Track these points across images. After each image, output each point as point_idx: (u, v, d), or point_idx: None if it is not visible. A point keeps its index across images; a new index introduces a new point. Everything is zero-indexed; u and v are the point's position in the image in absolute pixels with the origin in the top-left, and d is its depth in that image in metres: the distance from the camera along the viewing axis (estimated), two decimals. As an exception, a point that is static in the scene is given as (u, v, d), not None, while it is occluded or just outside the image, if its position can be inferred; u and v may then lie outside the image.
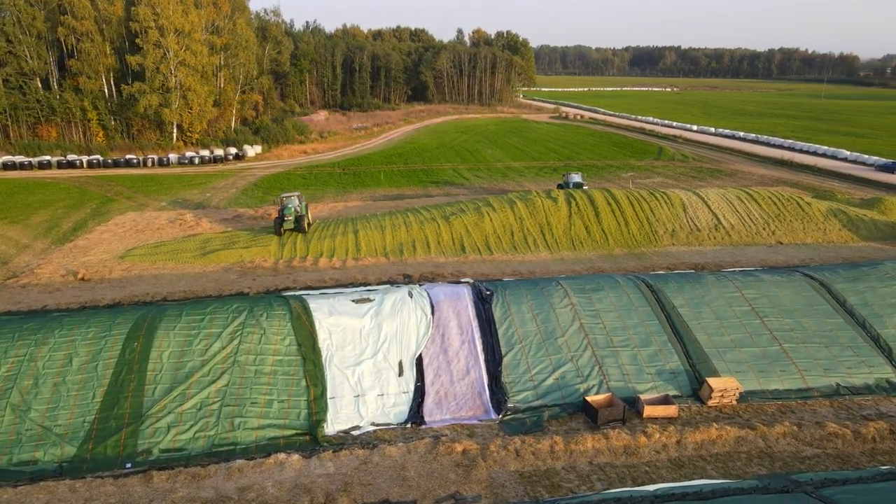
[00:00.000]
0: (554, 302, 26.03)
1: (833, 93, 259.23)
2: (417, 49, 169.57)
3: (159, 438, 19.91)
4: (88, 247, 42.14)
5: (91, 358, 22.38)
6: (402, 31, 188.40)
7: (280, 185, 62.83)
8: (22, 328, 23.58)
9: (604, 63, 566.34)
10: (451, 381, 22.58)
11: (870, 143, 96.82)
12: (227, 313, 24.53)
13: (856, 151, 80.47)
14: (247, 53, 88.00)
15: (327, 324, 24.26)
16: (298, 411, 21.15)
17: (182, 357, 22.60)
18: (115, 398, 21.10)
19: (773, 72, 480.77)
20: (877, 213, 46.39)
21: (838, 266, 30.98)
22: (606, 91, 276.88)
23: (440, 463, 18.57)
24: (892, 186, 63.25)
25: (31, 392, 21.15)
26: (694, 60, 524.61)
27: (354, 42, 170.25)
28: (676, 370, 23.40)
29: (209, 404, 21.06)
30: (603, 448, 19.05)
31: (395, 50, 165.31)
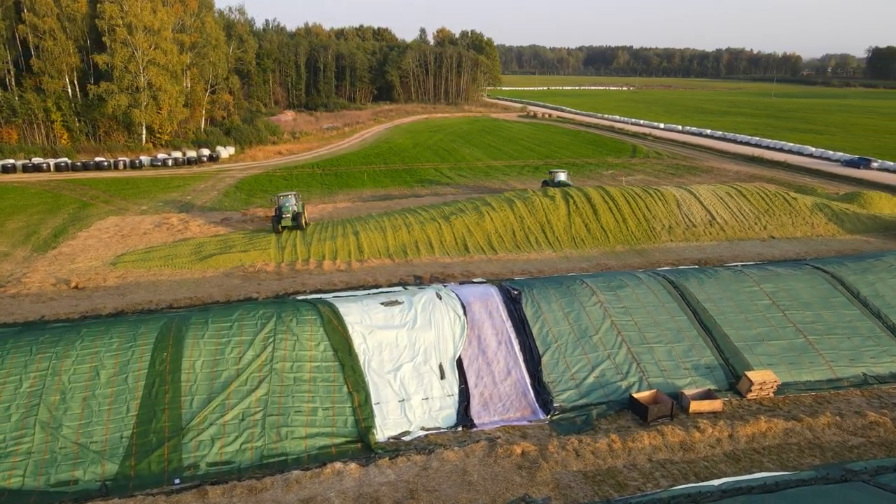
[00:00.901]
0: (583, 300, 26.08)
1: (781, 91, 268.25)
2: (382, 48, 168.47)
3: (204, 452, 19.15)
4: (74, 254, 40.44)
5: (119, 370, 21.40)
6: (365, 31, 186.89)
7: (262, 187, 61.56)
8: (39, 341, 22.40)
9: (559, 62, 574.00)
10: (494, 382, 22.39)
11: (828, 139, 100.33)
12: (255, 319, 23.81)
13: (820, 148, 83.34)
14: (216, 52, 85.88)
15: (360, 328, 23.76)
16: (345, 419, 20.64)
17: (216, 366, 21.82)
18: (152, 411, 20.21)
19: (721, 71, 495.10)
20: (857, 207, 48.09)
21: (843, 259, 31.97)
22: (565, 90, 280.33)
23: (501, 466, 18.36)
24: (859, 181, 65.68)
25: (60, 408, 20.10)
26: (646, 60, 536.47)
27: (318, 41, 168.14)
28: (711, 365, 23.71)
29: (251, 414, 20.37)
30: (660, 445, 19.14)
31: (359, 49, 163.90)
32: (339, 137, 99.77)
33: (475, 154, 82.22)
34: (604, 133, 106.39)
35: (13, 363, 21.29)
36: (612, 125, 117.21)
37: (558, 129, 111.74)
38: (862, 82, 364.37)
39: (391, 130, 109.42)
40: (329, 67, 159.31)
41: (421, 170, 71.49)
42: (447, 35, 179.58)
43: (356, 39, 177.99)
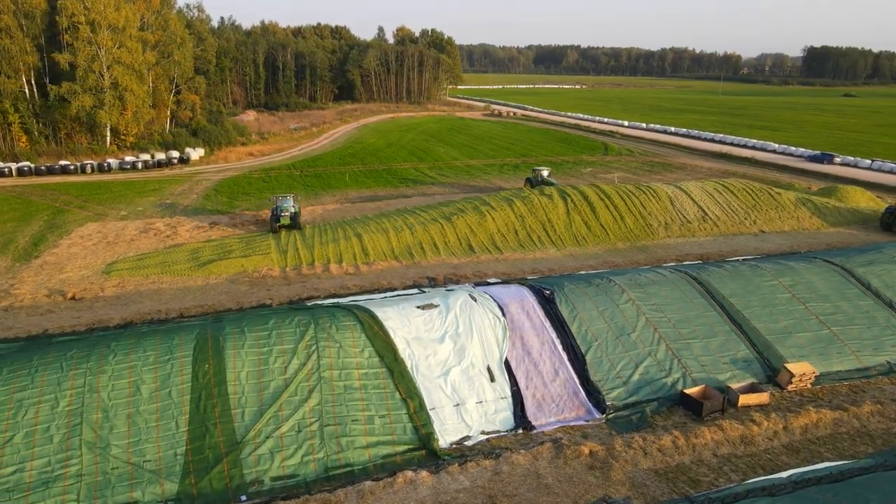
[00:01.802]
0: (615, 298, 26.31)
1: (727, 90, 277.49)
2: (342, 47, 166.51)
3: (266, 466, 18.52)
4: (60, 263, 38.61)
5: (161, 384, 20.50)
6: (323, 29, 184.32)
7: (242, 190, 60.06)
8: (68, 356, 21.28)
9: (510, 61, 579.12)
10: (544, 383, 22.37)
11: (784, 135, 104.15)
12: (293, 327, 23.18)
13: (782, 144, 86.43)
14: (181, 51, 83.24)
15: (402, 333, 23.40)
16: (403, 426, 20.28)
17: (262, 377, 21.14)
18: (203, 426, 19.43)
19: (666, 70, 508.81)
20: (835, 201, 50.05)
21: (847, 251, 33.17)
22: (520, 88, 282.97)
23: (573, 467, 18.36)
24: (825, 175, 68.42)
25: (104, 426, 19.12)
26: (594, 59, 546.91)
27: (275, 39, 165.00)
28: (747, 358, 24.26)
29: (307, 425, 19.80)
30: (721, 439, 19.46)
31: (319, 48, 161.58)
32: (309, 138, 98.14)
33: (451, 153, 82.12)
34: (572, 131, 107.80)
35: (45, 381, 20.18)
36: (577, 123, 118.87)
37: (527, 128, 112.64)
38: (799, 80, 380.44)
39: (360, 130, 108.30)
40: (288, 66, 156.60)
41: (401, 170, 70.97)
42: (407, 34, 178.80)
43: (314, 38, 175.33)
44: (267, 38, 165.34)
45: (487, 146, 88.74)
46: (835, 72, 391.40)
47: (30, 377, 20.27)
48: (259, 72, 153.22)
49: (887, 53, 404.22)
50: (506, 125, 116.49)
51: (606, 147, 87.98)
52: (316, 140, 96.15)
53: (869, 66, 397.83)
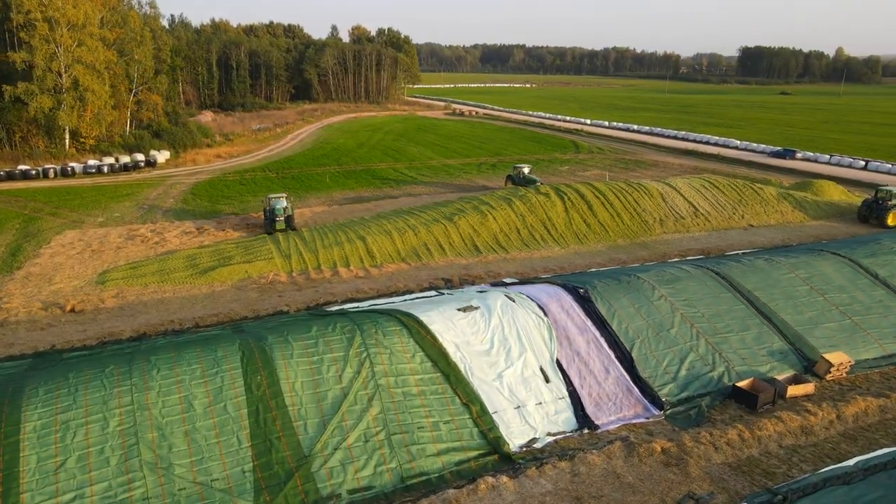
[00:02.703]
0: (647, 295, 26.61)
1: (673, 88, 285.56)
2: (297, 46, 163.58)
3: (339, 479, 17.93)
4: (46, 273, 36.60)
5: (214, 399, 19.61)
6: (276, 27, 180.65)
7: (221, 193, 58.25)
8: (105, 373, 20.12)
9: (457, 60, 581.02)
10: (598, 382, 22.43)
11: (740, 132, 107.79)
12: (338, 334, 22.56)
13: (744, 140, 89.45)
14: (142, 50, 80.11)
15: (449, 336, 23.07)
16: (469, 431, 19.97)
17: (318, 387, 20.48)
18: (267, 440, 18.68)
19: (609, 69, 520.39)
20: (812, 195, 52.07)
21: (848, 243, 34.49)
22: (472, 87, 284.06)
23: (649, 465, 18.45)
24: (789, 170, 71.16)
25: (163, 445, 18.15)
26: (540, 58, 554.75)
27: (227, 38, 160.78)
28: (783, 350, 24.92)
29: (374, 435, 19.28)
30: (783, 431, 19.90)
31: (273, 47, 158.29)
32: (274, 139, 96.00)
33: (425, 153, 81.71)
34: (538, 130, 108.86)
35: (89, 400, 19.03)
36: (541, 122, 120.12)
37: (493, 127, 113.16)
38: (736, 79, 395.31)
39: (325, 130, 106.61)
40: (243, 66, 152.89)
41: (378, 170, 70.18)
42: (363, 33, 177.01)
43: (267, 36, 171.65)
44: (219, 36, 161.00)
45: (459, 145, 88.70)
46: (768, 71, 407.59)
47: (71, 397, 19.09)
48: (212, 71, 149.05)
49: (816, 53, 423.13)
50: (472, 124, 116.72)
51: (577, 145, 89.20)
52: (283, 141, 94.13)
53: (800, 66, 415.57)
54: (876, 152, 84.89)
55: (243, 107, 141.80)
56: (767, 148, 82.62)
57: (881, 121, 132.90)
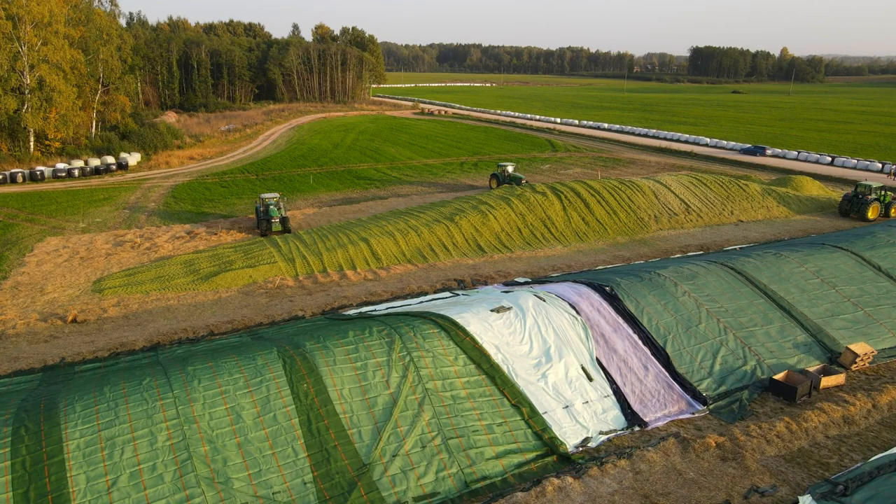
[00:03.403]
0: (671, 291, 26.94)
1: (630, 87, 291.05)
2: (259, 45, 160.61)
3: (402, 486, 17.58)
4: (36, 283, 35.00)
5: (262, 408, 19.01)
6: (236, 26, 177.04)
7: (203, 196, 56.69)
8: (142, 385, 19.32)
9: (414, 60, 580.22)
10: (638, 379, 22.57)
11: (705, 130, 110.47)
12: (376, 339, 22.16)
13: (714, 138, 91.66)
14: (108, 48, 77.38)
15: (487, 338, 22.91)
16: (523, 432, 19.84)
17: (366, 393, 20.06)
18: (323, 450, 18.20)
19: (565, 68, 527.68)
20: (792, 190, 53.67)
21: (846, 236, 35.60)
22: (433, 87, 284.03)
23: (707, 460, 18.65)
24: (761, 166, 73.28)
25: (217, 459, 17.50)
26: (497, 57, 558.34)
27: (186, 36, 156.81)
28: (806, 342, 25.54)
29: (430, 440, 18.98)
30: (827, 421, 20.38)
31: (235, 46, 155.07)
32: (245, 140, 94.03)
33: (403, 153, 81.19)
34: (511, 129, 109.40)
35: (132, 414, 18.21)
36: (511, 121, 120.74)
37: (465, 126, 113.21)
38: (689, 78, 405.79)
39: (295, 131, 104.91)
40: (204, 65, 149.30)
41: (360, 170, 69.43)
42: (326, 32, 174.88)
43: (228, 35, 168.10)
44: (178, 35, 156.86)
45: (436, 145, 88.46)
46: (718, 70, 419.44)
47: (112, 412, 18.24)
48: (172, 71, 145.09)
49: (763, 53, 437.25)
50: (444, 124, 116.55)
51: (553, 144, 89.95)
52: (255, 142, 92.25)
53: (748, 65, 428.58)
54: (837, 148, 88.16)
55: (206, 107, 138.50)
56: (737, 145, 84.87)
57: (833, 118, 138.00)
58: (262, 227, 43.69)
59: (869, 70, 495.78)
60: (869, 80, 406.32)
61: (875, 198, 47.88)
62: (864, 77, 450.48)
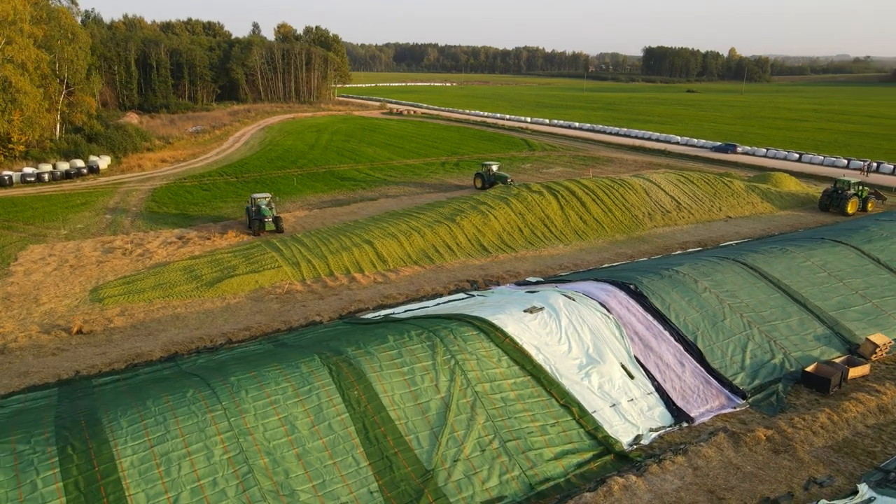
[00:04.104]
0: (693, 288, 27.39)
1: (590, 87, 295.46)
2: (221, 44, 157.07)
3: (469, 492, 17.39)
4: (28, 293, 33.51)
5: (315, 417, 18.58)
6: (195, 25, 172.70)
7: (186, 199, 55.14)
8: (186, 398, 18.65)
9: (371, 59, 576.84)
10: (677, 375, 22.86)
11: (669, 128, 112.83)
12: (417, 342, 21.92)
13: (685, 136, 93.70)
14: (73, 47, 74.54)
15: (526, 338, 22.90)
16: (576, 432, 19.87)
17: (417, 398, 19.80)
18: (384, 458, 17.87)
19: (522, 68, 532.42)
20: (773, 186, 55.28)
21: (839, 230, 36.80)
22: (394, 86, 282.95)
23: (760, 454, 19.00)
24: (734, 163, 75.31)
25: (278, 471, 17.01)
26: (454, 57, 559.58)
27: (144, 35, 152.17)
28: (825, 334, 26.30)
29: (488, 444, 18.84)
30: (864, 411, 21.01)
31: (196, 45, 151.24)
32: (215, 141, 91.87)
33: (381, 153, 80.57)
34: (483, 128, 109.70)
35: (183, 429, 17.56)
36: (483, 120, 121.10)
37: (437, 126, 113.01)
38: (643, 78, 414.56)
39: (266, 132, 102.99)
40: (164, 65, 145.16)
41: (341, 171, 68.59)
42: (289, 31, 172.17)
43: (187, 34, 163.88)
44: (135, 33, 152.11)
45: (413, 145, 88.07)
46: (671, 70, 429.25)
47: (161, 426, 17.56)
48: (131, 70, 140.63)
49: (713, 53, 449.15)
50: (416, 124, 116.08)
51: (529, 144, 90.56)
52: (226, 143, 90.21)
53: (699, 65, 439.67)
54: (800, 146, 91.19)
55: (168, 108, 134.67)
56: (708, 143, 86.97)
57: (789, 116, 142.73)
58: (255, 227, 43.38)
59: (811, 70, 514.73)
60: (812, 80, 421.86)
61: (854, 193, 49.69)
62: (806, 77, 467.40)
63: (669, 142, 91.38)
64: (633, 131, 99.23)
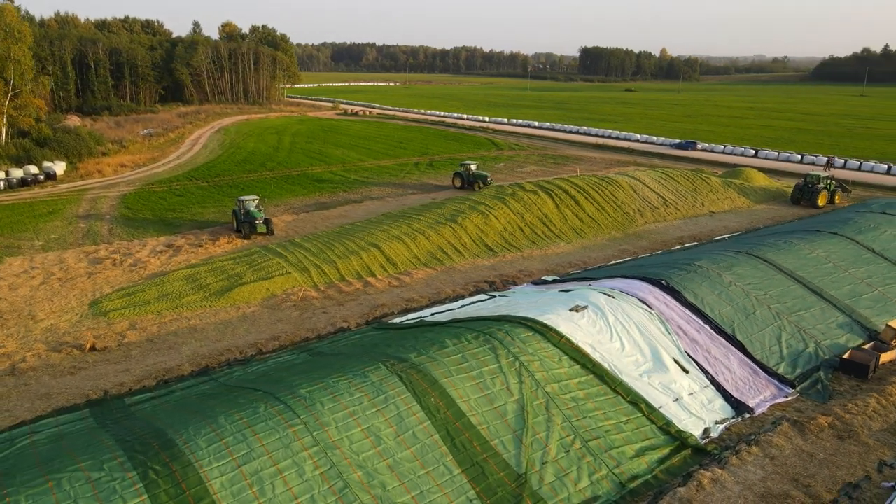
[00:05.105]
0: (719, 282, 28.14)
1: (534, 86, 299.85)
2: (163, 43, 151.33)
3: (565, 494, 17.34)
4: (20, 309, 31.49)
5: (398, 427, 18.14)
6: (133, 22, 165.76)
7: (161, 206, 52.90)
8: (259, 414, 17.90)
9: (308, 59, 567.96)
10: (726, 367, 23.41)
11: (624, 126, 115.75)
12: (476, 346, 21.73)
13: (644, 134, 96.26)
14: (19, 47, 70.30)
15: (580, 337, 23.01)
16: (649, 428, 20.08)
17: (493, 402, 19.60)
18: (475, 464, 17.62)
19: (461, 67, 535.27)
20: (745, 182, 57.48)
21: (829, 222, 38.55)
22: (338, 86, 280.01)
23: (827, 440, 19.70)
24: (696, 160, 77.91)
25: (374, 484, 16.52)
26: (393, 57, 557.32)
27: (79, 33, 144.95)
28: (846, 322, 27.51)
29: (570, 444, 18.82)
30: (906, 394, 22.10)
31: (136, 44, 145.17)
32: (171, 144, 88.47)
33: (350, 155, 79.42)
34: (444, 128, 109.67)
35: (269, 445, 16.84)
36: (441, 120, 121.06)
37: (397, 126, 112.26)
38: (582, 77, 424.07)
39: (223, 134, 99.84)
40: (103, 65, 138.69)
41: (316, 174, 67.22)
42: (234, 30, 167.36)
43: (125, 33, 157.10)
44: (69, 32, 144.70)
45: (379, 146, 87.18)
46: (607, 69, 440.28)
47: (243, 444, 16.78)
48: (67, 71, 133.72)
49: (646, 53, 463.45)
50: (375, 125, 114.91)
51: (495, 143, 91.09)
52: (183, 146, 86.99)
53: (633, 65, 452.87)
54: (750, 142, 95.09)
55: (110, 110, 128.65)
56: (667, 140, 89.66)
57: (729, 114, 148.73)
58: (245, 230, 42.38)
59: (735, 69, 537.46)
60: (737, 79, 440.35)
61: (823, 186, 52.21)
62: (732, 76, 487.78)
63: (630, 139, 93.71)
64: (593, 130, 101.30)
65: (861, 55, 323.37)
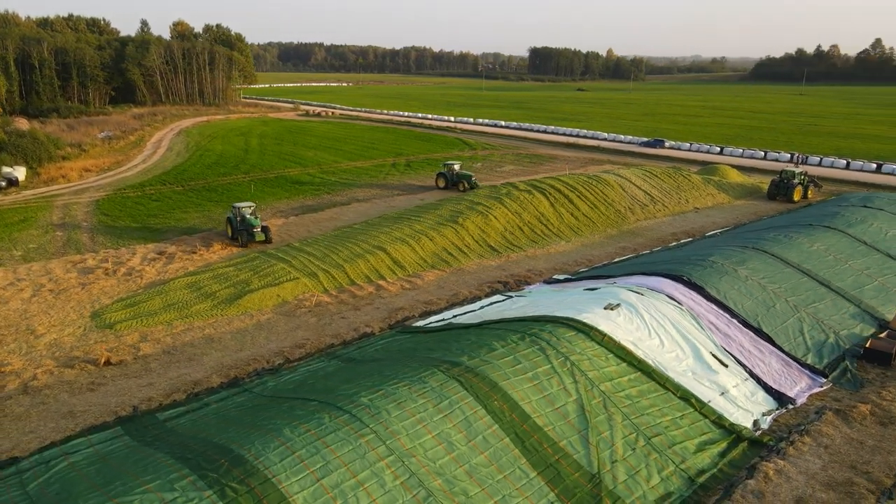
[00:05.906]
0: (735, 277, 28.84)
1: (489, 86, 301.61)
2: (112, 43, 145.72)
3: (640, 492, 17.45)
4: (16, 324, 29.96)
5: (468, 432, 17.93)
6: (77, 21, 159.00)
7: (138, 211, 50.95)
8: (326, 426, 17.42)
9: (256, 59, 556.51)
10: (760, 360, 23.99)
11: (586, 124, 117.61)
12: (524, 347, 21.69)
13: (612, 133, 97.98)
14: (-29, 47, 66.44)
15: (621, 335, 23.22)
16: (703, 423, 20.40)
17: (553, 403, 19.58)
18: (549, 466, 17.56)
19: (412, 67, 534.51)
20: (722, 178, 59.16)
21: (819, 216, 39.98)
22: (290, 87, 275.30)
23: (871, 427, 20.42)
24: (666, 158, 79.76)
25: (456, 490, 16.29)
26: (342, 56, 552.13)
27: (21, 32, 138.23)
28: (857, 313, 28.58)
29: (634, 441, 18.96)
30: (933, 380, 23.11)
31: (83, 43, 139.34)
32: (133, 148, 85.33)
33: (324, 157, 78.17)
34: (412, 129, 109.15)
35: (344, 457, 16.40)
36: (407, 120, 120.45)
37: (364, 127, 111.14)
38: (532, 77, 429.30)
39: (185, 136, 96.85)
40: (48, 65, 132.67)
41: (294, 176, 65.91)
42: (186, 29, 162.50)
43: (69, 31, 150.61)
44: (10, 30, 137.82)
45: (351, 147, 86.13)
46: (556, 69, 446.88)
47: (317, 456, 16.32)
48: (10, 71, 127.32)
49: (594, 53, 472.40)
50: (341, 126, 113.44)
51: (467, 143, 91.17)
52: (146, 150, 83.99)
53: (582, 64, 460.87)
54: (710, 139, 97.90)
55: (58, 112, 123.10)
56: (635, 139, 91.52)
57: (683, 112, 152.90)
58: (243, 238, 41.00)
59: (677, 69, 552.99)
60: (681, 79, 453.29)
61: (798, 182, 54.20)
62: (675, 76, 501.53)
63: (598, 138, 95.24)
64: (561, 129, 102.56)
65: (795, 56, 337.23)
